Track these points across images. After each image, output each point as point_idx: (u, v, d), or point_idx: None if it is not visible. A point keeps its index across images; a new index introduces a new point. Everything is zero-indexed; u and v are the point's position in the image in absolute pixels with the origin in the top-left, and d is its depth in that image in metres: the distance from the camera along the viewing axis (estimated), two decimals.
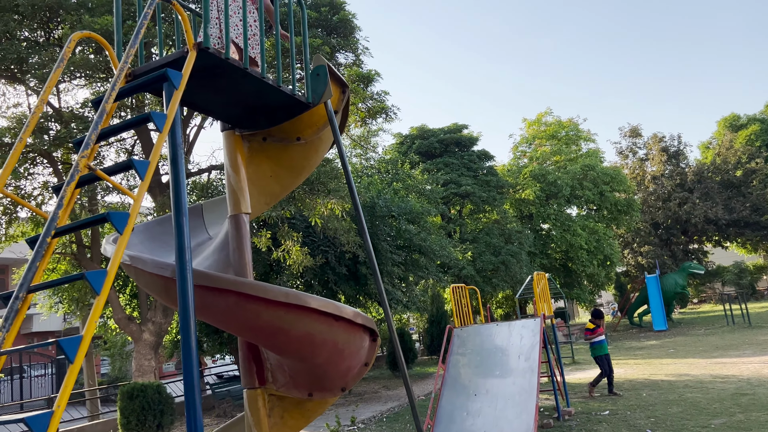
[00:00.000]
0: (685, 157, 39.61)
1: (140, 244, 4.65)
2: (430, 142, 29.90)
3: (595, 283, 32.76)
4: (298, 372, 4.26)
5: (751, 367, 12.80)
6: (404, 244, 18.41)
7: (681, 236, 37.80)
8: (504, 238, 27.22)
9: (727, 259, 45.51)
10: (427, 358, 26.10)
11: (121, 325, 12.28)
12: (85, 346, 2.45)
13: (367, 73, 13.06)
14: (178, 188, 3.31)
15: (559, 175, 31.32)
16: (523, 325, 10.31)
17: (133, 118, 3.11)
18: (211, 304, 3.70)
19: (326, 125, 4.76)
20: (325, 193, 11.36)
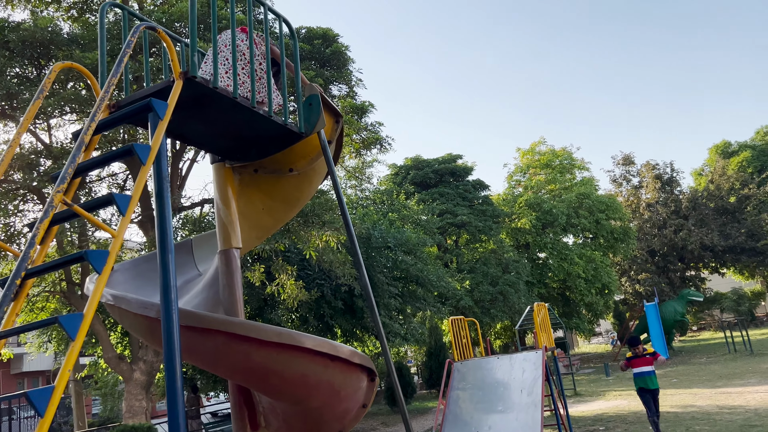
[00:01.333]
0: (678, 184, 39.74)
1: (126, 282, 4.45)
2: (425, 173, 29.92)
3: (593, 312, 32.47)
4: (292, 416, 4.03)
5: (757, 396, 12.52)
6: (401, 275, 18.19)
7: (678, 263, 37.66)
8: (501, 268, 27.02)
9: (725, 285, 45.30)
10: (426, 392, 25.59)
11: (111, 364, 11.94)
12: (56, 399, 2.24)
13: (361, 104, 13.03)
14: (163, 224, 3.13)
15: (555, 204, 31.29)
16: (525, 358, 10.06)
17: (114, 150, 2.95)
18: (199, 345, 3.49)
19: (320, 156, 4.61)
20: (319, 225, 11.19)
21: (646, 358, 9.66)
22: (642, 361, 9.69)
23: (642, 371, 9.67)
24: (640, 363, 9.69)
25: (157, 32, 3.26)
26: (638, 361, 9.71)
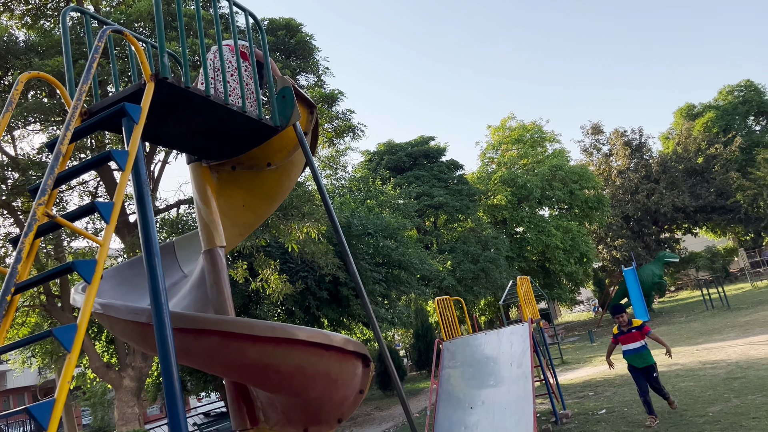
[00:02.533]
0: (648, 149, 40.38)
1: (112, 289, 4.42)
2: (399, 157, 29.93)
3: (574, 281, 32.99)
4: (291, 407, 4.06)
5: (737, 349, 12.90)
6: (383, 260, 18.25)
7: (652, 227, 38.39)
8: (481, 246, 27.26)
9: (699, 245, 46.35)
10: (416, 374, 25.83)
11: (99, 373, 11.82)
12: (59, 411, 2.24)
13: (330, 93, 12.96)
14: (147, 228, 3.11)
15: (528, 178, 31.59)
16: (512, 331, 10.21)
17: (92, 158, 2.92)
18: (193, 346, 3.49)
19: (297, 148, 4.60)
20: (299, 218, 11.16)
21: (632, 334, 8.52)
22: (629, 337, 8.56)
23: (629, 348, 8.56)
24: (627, 339, 8.56)
25: (123, 35, 3.21)
26: (624, 337, 8.60)
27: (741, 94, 42.88)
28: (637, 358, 8.48)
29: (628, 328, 8.57)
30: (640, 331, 8.53)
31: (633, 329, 8.54)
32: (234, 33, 3.98)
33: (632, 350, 8.52)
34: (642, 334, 8.49)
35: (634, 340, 8.49)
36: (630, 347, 8.52)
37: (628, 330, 8.57)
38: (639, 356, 8.47)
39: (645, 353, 8.46)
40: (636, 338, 8.48)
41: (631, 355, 8.54)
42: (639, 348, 8.47)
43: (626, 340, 8.55)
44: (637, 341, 8.46)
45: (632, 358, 8.55)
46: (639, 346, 8.47)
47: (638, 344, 8.47)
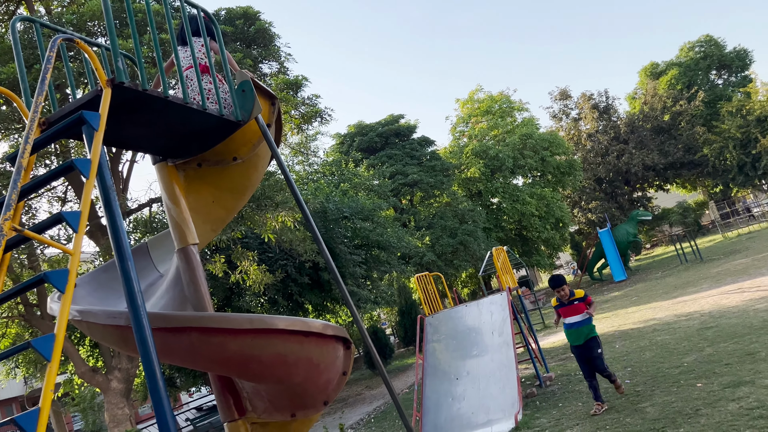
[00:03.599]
0: (615, 111, 40.88)
1: (89, 295, 4.43)
2: (370, 137, 29.92)
3: (551, 246, 33.52)
4: (277, 395, 4.15)
5: (710, 300, 13.32)
6: (362, 242, 18.36)
7: (624, 187, 39.05)
8: (458, 219, 27.52)
9: (670, 201, 47.31)
10: (404, 350, 26.17)
11: (86, 378, 11.81)
12: (44, 419, 2.30)
13: (294, 79, 12.90)
14: (117, 232, 3.15)
15: (500, 149, 31.85)
16: (491, 301, 10.43)
17: (54, 169, 2.94)
18: (174, 345, 3.55)
19: (261, 140, 4.63)
20: (273, 207, 11.17)
21: (574, 306, 7.44)
22: (570, 309, 7.47)
23: (570, 322, 7.49)
24: (568, 312, 7.49)
25: (75, 43, 3.21)
26: (565, 309, 7.51)
27: (702, 49, 43.50)
28: (576, 334, 7.40)
29: (569, 299, 7.47)
30: (585, 302, 7.42)
31: (575, 300, 7.41)
32: (188, 32, 3.99)
33: (573, 324, 7.40)
34: (587, 304, 7.40)
35: (577, 313, 7.39)
36: (571, 321, 7.42)
37: (569, 302, 7.47)
38: (578, 331, 7.38)
39: (586, 328, 7.37)
40: (579, 310, 7.38)
41: (571, 330, 7.45)
42: (581, 322, 7.38)
43: (567, 312, 7.45)
44: (580, 314, 7.37)
45: (571, 334, 7.47)
46: (582, 319, 7.37)
47: (580, 317, 7.37)
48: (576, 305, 7.43)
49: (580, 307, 7.41)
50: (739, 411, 5.71)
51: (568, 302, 7.48)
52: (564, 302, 7.53)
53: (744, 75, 42.79)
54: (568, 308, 7.49)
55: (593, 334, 7.42)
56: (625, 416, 6.69)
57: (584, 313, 7.36)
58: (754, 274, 15.18)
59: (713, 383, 6.91)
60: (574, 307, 7.46)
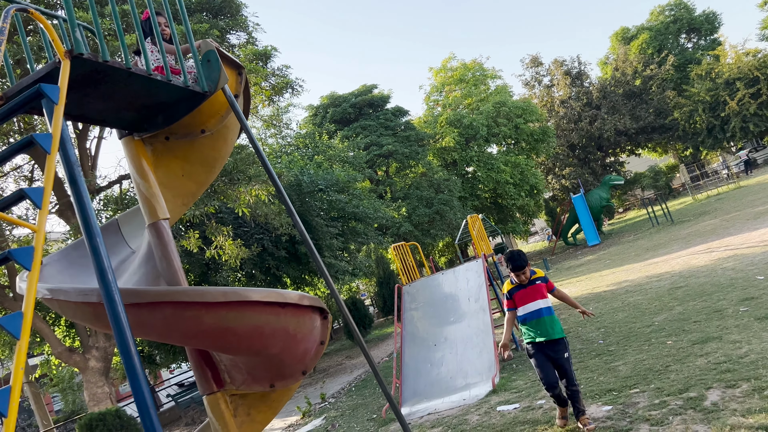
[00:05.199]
0: (587, 77, 41.04)
1: (60, 273, 4.37)
2: (343, 108, 29.65)
3: (526, 213, 33.86)
4: (254, 366, 4.17)
5: (680, 261, 13.64)
6: (338, 215, 18.33)
7: (597, 152, 39.45)
8: (434, 189, 27.60)
9: (642, 165, 47.99)
10: (383, 320, 26.42)
11: (63, 358, 11.72)
12: (16, 397, 2.28)
13: (263, 49, 12.67)
14: (83, 209, 3.09)
15: (474, 117, 31.84)
16: (467, 268, 10.53)
17: (13, 145, 2.86)
18: (148, 320, 3.53)
19: (229, 112, 4.57)
20: (246, 181, 11.06)
21: (535, 287, 5.44)
22: (528, 293, 5.44)
23: (528, 312, 5.43)
24: (525, 297, 5.45)
25: (30, 13, 3.10)
26: (522, 294, 5.46)
27: (672, 13, 43.72)
28: (539, 327, 5.35)
29: (528, 278, 5.44)
30: (546, 284, 5.51)
31: (536, 280, 5.47)
32: (150, 1, 3.87)
33: (532, 314, 5.39)
34: (548, 287, 5.52)
35: (536, 297, 5.39)
36: (529, 309, 5.40)
37: (529, 282, 5.44)
38: (541, 323, 5.35)
39: (550, 319, 5.36)
40: (539, 294, 5.41)
41: (532, 322, 5.39)
42: (542, 310, 5.36)
43: (524, 297, 5.43)
44: (540, 299, 5.39)
45: (532, 327, 5.40)
46: (543, 307, 5.37)
47: (542, 303, 5.38)
48: (537, 285, 5.42)
49: (541, 289, 5.42)
50: (707, 366, 5.90)
51: (528, 283, 5.44)
52: (522, 284, 5.46)
53: (713, 38, 43.21)
54: (528, 291, 5.40)
55: (561, 332, 5.38)
56: (598, 375, 6.87)
57: (546, 298, 5.42)
58: (722, 234, 15.55)
59: (683, 340, 7.11)
60: (535, 288, 5.41)
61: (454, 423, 7.00)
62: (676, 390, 5.50)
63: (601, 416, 5.50)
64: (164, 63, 3.80)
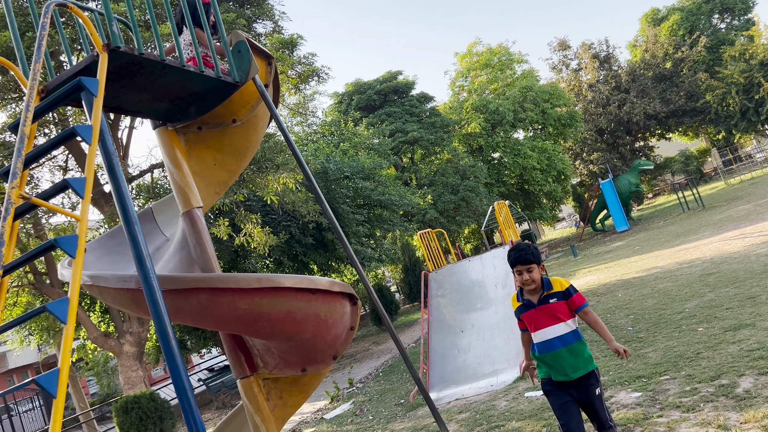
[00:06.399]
0: (616, 60, 40.29)
1: (97, 261, 4.51)
2: (368, 95, 29.64)
3: (553, 199, 33.57)
4: (287, 351, 4.25)
5: (712, 247, 13.41)
6: (364, 202, 18.42)
7: (626, 137, 38.80)
8: (459, 176, 27.49)
9: (672, 149, 47.07)
10: (409, 306, 26.53)
11: (99, 343, 12.05)
12: (64, 379, 2.38)
13: (289, 38, 12.72)
14: (122, 198, 3.19)
15: (500, 103, 31.56)
16: (494, 255, 10.52)
17: (57, 136, 2.96)
18: (184, 305, 3.63)
19: (260, 101, 4.63)
20: (274, 169, 11.18)
21: (549, 307, 3.78)
22: (541, 314, 3.80)
23: (543, 339, 3.81)
24: (538, 320, 3.82)
25: (68, 8, 3.18)
26: (532, 314, 3.85)
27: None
28: (555, 362, 3.77)
29: (540, 294, 3.80)
30: (567, 302, 3.77)
31: (551, 297, 3.78)
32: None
33: (544, 345, 3.80)
34: (571, 307, 3.77)
35: (550, 322, 3.77)
36: (539, 339, 3.82)
37: (541, 300, 3.79)
38: (557, 358, 3.75)
39: (569, 351, 3.75)
40: (554, 317, 3.76)
41: (544, 355, 3.82)
42: (555, 342, 3.75)
43: (533, 321, 3.83)
44: (559, 322, 3.75)
45: (545, 361, 3.83)
46: (558, 336, 3.75)
47: (557, 331, 3.75)
48: (552, 306, 3.76)
49: (561, 309, 3.75)
50: (739, 353, 5.83)
51: (539, 301, 3.79)
52: (532, 302, 3.82)
53: (747, 18, 41.98)
54: (538, 314, 3.79)
55: (591, 365, 3.78)
56: (627, 362, 6.83)
57: (568, 321, 3.73)
58: (755, 219, 15.23)
59: (714, 327, 7.03)
60: (548, 310, 3.77)
61: (482, 408, 7.04)
62: (707, 377, 5.45)
63: (630, 402, 5.49)
64: (197, 54, 3.87)
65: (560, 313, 3.78)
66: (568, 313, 3.78)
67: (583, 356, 3.80)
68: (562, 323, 3.77)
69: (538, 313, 3.83)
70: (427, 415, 7.58)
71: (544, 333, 3.82)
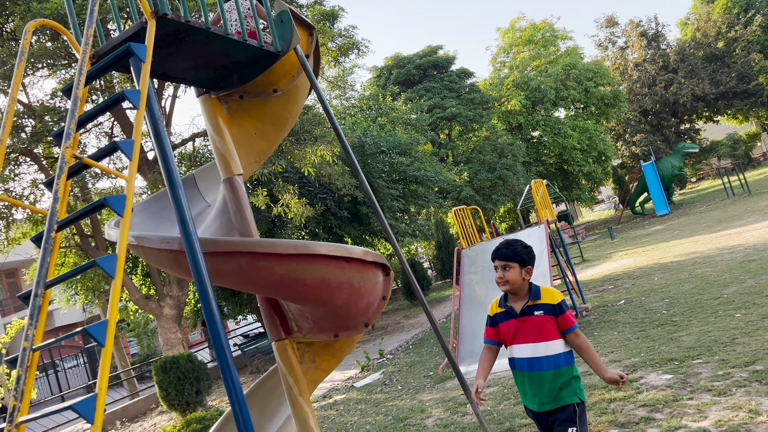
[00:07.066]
0: (664, 38, 38.98)
1: (142, 223, 4.67)
2: (408, 70, 29.43)
3: (593, 180, 32.99)
4: (320, 317, 4.38)
5: (755, 233, 13.06)
6: (399, 177, 18.44)
7: (671, 118, 37.69)
8: (497, 154, 27.22)
9: (720, 132, 45.55)
10: (441, 283, 26.61)
11: (140, 304, 12.49)
12: (111, 329, 2.52)
13: (330, 10, 12.70)
14: (167, 162, 3.30)
15: (542, 80, 30.96)
16: (529, 233, 10.47)
17: (107, 100, 3.08)
18: (224, 268, 3.76)
19: (300, 72, 4.68)
20: (312, 141, 11.28)
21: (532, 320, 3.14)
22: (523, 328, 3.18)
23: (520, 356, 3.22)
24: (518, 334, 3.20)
25: None
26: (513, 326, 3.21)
27: None
28: (532, 385, 3.20)
29: (524, 303, 3.22)
30: (556, 319, 3.15)
31: (536, 308, 3.19)
32: None
33: (525, 363, 3.21)
34: (560, 326, 3.15)
35: (537, 338, 3.15)
36: (520, 354, 3.23)
37: (524, 310, 3.21)
38: (536, 380, 3.17)
39: (554, 377, 3.13)
40: (540, 334, 3.15)
41: (523, 375, 3.24)
42: (542, 361, 3.14)
43: (513, 332, 3.23)
44: (542, 340, 3.14)
45: (522, 382, 3.27)
46: (545, 356, 3.13)
47: (543, 349, 3.14)
48: (537, 319, 3.15)
49: (547, 326, 3.13)
50: None
51: (521, 311, 3.20)
52: (514, 310, 3.24)
53: None
54: (521, 325, 3.19)
55: (575, 395, 3.14)
56: (660, 344, 6.78)
57: (555, 342, 3.13)
58: None
59: (752, 314, 6.90)
60: (534, 323, 3.15)
61: (510, 384, 7.10)
62: (741, 362, 5.39)
63: (660, 384, 5.47)
64: (241, 23, 3.95)
65: (546, 330, 3.13)
66: (556, 332, 3.13)
67: (569, 387, 3.12)
68: (544, 343, 3.12)
69: (519, 324, 3.19)
70: (455, 387, 7.69)
71: (521, 349, 3.18)
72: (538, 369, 3.16)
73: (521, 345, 3.21)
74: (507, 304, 3.34)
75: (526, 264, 3.33)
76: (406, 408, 7.44)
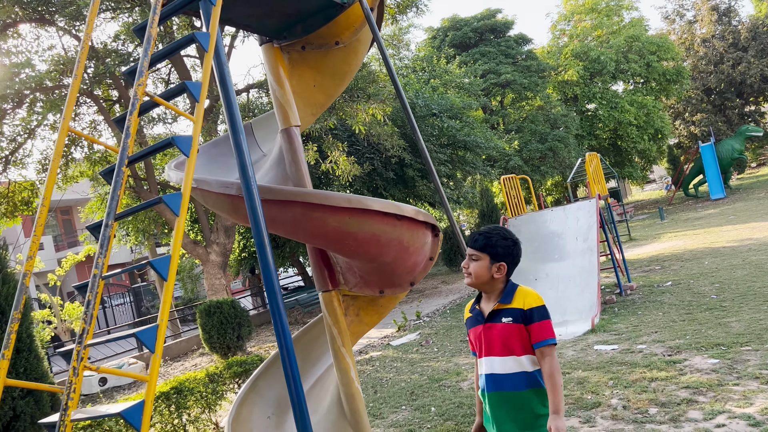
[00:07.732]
0: (736, 14, 36.92)
1: (200, 167, 4.76)
2: (464, 32, 28.80)
3: (646, 158, 32.02)
4: (367, 272, 4.42)
5: None
6: (448, 141, 18.25)
7: (736, 99, 35.98)
8: (549, 124, 26.60)
9: None
10: None
11: (188, 249, 12.88)
12: (174, 264, 2.61)
13: None
14: (230, 107, 3.34)
15: (602, 51, 29.87)
16: (579, 207, 10.29)
17: (178, 40, 3.12)
18: (279, 216, 3.82)
19: (363, 25, 4.63)
20: (365, 99, 11.24)
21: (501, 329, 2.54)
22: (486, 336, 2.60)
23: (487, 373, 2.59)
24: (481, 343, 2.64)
25: None
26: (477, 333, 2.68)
27: None
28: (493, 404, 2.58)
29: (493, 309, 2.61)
30: (526, 327, 2.50)
31: (503, 313, 2.56)
32: None
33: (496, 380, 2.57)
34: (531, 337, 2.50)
35: (503, 350, 2.54)
36: (482, 369, 2.66)
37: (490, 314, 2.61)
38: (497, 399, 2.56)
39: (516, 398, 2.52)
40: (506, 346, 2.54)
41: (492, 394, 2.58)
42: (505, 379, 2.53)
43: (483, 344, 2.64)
44: (509, 354, 2.53)
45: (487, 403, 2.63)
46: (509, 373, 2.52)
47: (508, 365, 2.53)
48: (503, 327, 2.56)
49: (514, 336, 2.53)
50: None
51: (488, 316, 2.64)
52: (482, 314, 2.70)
53: None
54: (486, 331, 2.63)
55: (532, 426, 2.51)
56: (707, 329, 6.64)
57: (523, 357, 2.52)
58: None
59: None
60: (498, 330, 2.57)
61: None
62: None
63: (705, 368, 5.37)
64: None
65: (512, 341, 2.53)
66: (527, 345, 2.51)
67: (532, 413, 2.50)
68: (511, 357, 2.52)
69: (486, 332, 2.62)
70: None
71: (490, 362, 2.60)
72: (500, 389, 2.55)
73: (486, 358, 2.61)
74: (476, 307, 2.74)
75: (499, 259, 2.64)
76: (441, 369, 7.53)
